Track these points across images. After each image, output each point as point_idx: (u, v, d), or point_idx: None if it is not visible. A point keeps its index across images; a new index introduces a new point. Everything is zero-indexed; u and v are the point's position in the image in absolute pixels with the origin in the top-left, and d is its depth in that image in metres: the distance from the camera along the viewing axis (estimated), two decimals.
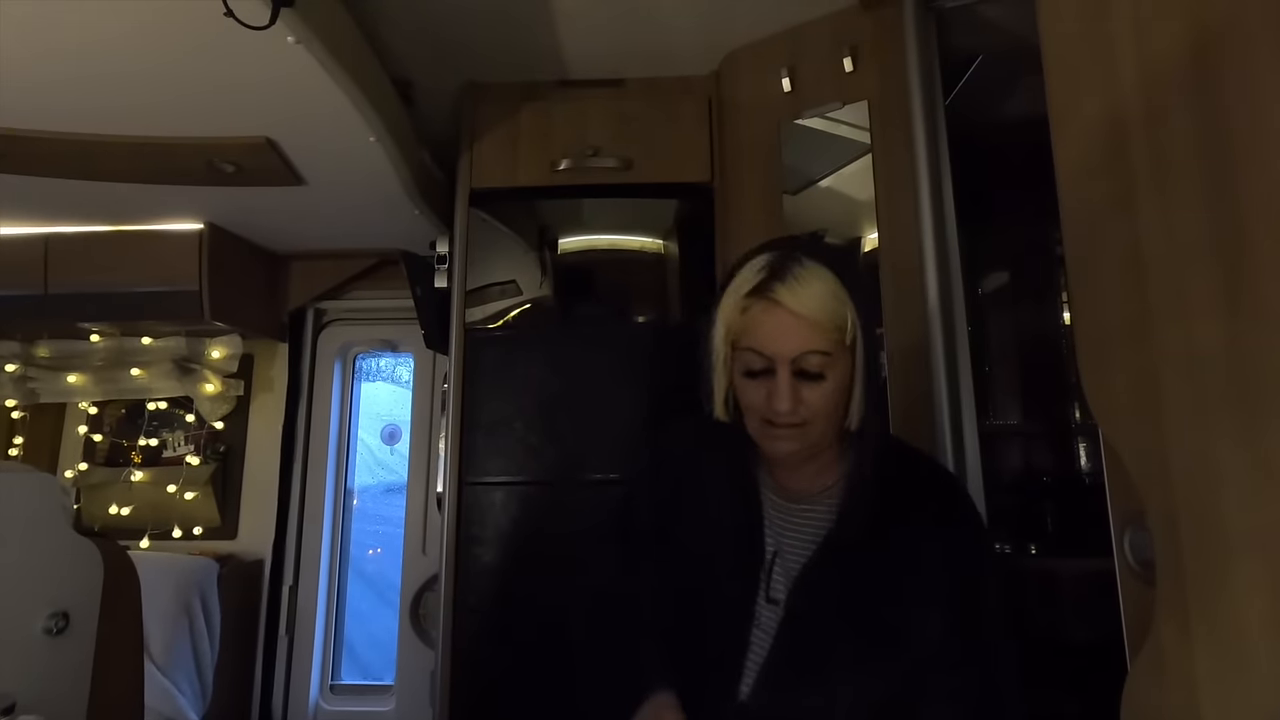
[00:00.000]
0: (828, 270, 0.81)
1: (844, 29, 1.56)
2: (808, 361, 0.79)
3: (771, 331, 0.80)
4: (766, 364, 0.81)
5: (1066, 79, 0.72)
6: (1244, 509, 0.50)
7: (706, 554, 0.92)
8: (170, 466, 2.37)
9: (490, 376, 1.71)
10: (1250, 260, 0.50)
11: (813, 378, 0.80)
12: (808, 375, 0.80)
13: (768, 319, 0.81)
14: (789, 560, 0.88)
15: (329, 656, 2.43)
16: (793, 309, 0.79)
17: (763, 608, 0.87)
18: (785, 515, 0.90)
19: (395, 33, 1.59)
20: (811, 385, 0.80)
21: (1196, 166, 0.55)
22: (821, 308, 0.79)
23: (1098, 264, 0.65)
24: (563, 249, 1.78)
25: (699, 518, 0.94)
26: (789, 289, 0.79)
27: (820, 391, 0.81)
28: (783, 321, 0.80)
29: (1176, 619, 0.55)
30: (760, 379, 0.82)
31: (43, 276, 2.01)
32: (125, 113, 1.43)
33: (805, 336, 0.79)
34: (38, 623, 1.18)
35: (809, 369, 0.80)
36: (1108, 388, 0.64)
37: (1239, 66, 0.52)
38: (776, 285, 0.80)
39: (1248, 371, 0.50)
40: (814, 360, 0.79)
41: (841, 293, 0.80)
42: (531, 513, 1.67)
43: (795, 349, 0.79)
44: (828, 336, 0.79)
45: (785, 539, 0.89)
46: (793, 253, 0.83)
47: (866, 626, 0.84)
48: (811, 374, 0.80)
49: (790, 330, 0.79)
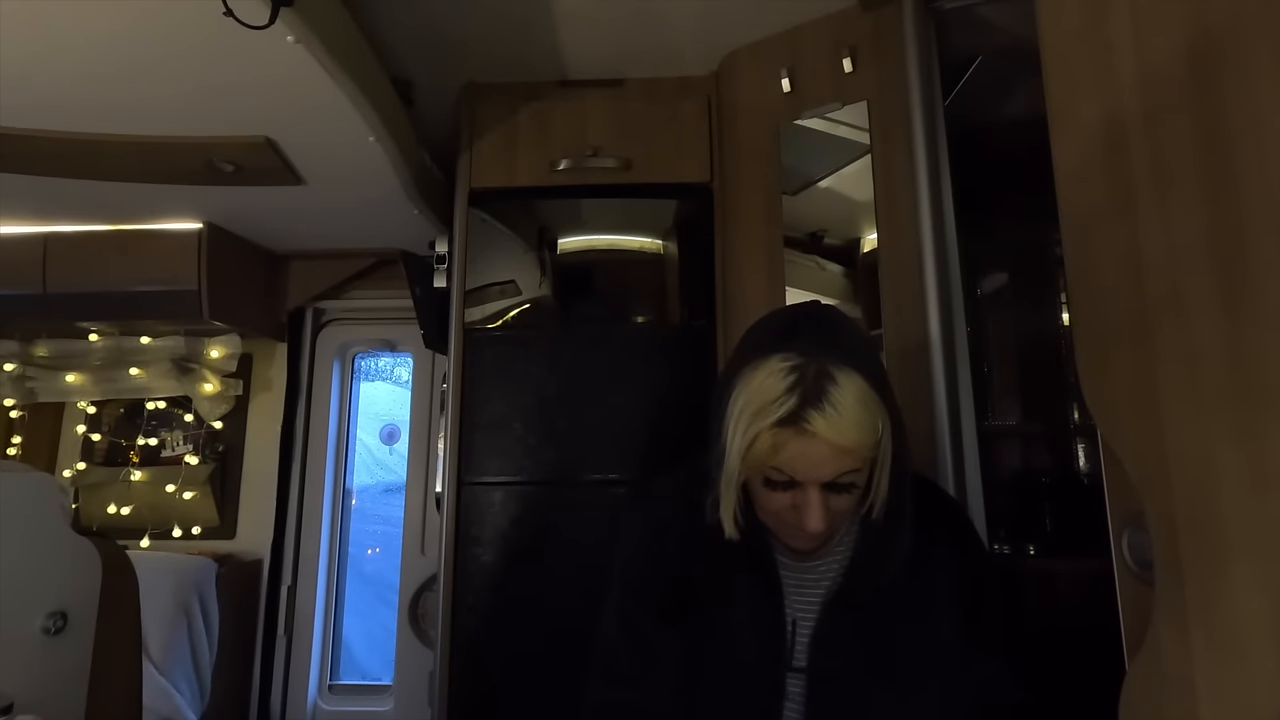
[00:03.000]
0: (859, 376, 0.73)
1: (843, 29, 1.57)
2: (840, 480, 0.75)
3: (804, 460, 0.73)
4: (791, 479, 0.76)
5: (1066, 80, 0.72)
6: (1242, 509, 0.50)
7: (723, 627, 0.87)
8: (169, 466, 2.37)
9: (489, 376, 1.71)
10: (1249, 261, 0.50)
11: (843, 489, 0.76)
12: (840, 490, 0.76)
13: (800, 448, 0.73)
14: (804, 623, 0.85)
15: (327, 656, 2.43)
16: (831, 441, 0.72)
17: (790, 678, 0.85)
18: (797, 576, 0.87)
19: (395, 33, 1.59)
20: (840, 496, 0.76)
21: (1195, 167, 0.55)
22: (862, 436, 0.72)
23: (1097, 264, 0.66)
24: (562, 249, 1.78)
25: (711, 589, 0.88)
26: (826, 420, 0.71)
27: (849, 499, 0.77)
28: (819, 451, 0.73)
29: (1175, 619, 0.55)
30: (782, 490, 0.77)
31: (41, 276, 2.01)
32: (125, 112, 1.42)
33: (841, 463, 0.73)
34: (36, 622, 1.18)
35: (842, 484, 0.75)
36: (1106, 388, 0.64)
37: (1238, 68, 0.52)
38: (813, 415, 0.72)
39: (1246, 372, 0.50)
40: (847, 479, 0.75)
41: (874, 399, 0.73)
42: (530, 513, 1.67)
43: (828, 475, 0.74)
44: (861, 456, 0.74)
45: (799, 604, 0.86)
46: (821, 361, 0.73)
47: (894, 673, 0.82)
48: (843, 488, 0.76)
49: (827, 459, 0.73)
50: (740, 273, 1.65)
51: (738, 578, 0.86)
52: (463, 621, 1.63)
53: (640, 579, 0.93)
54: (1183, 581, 0.54)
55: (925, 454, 1.34)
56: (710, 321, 1.70)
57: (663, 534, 0.91)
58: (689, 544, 0.88)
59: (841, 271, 1.56)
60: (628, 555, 0.95)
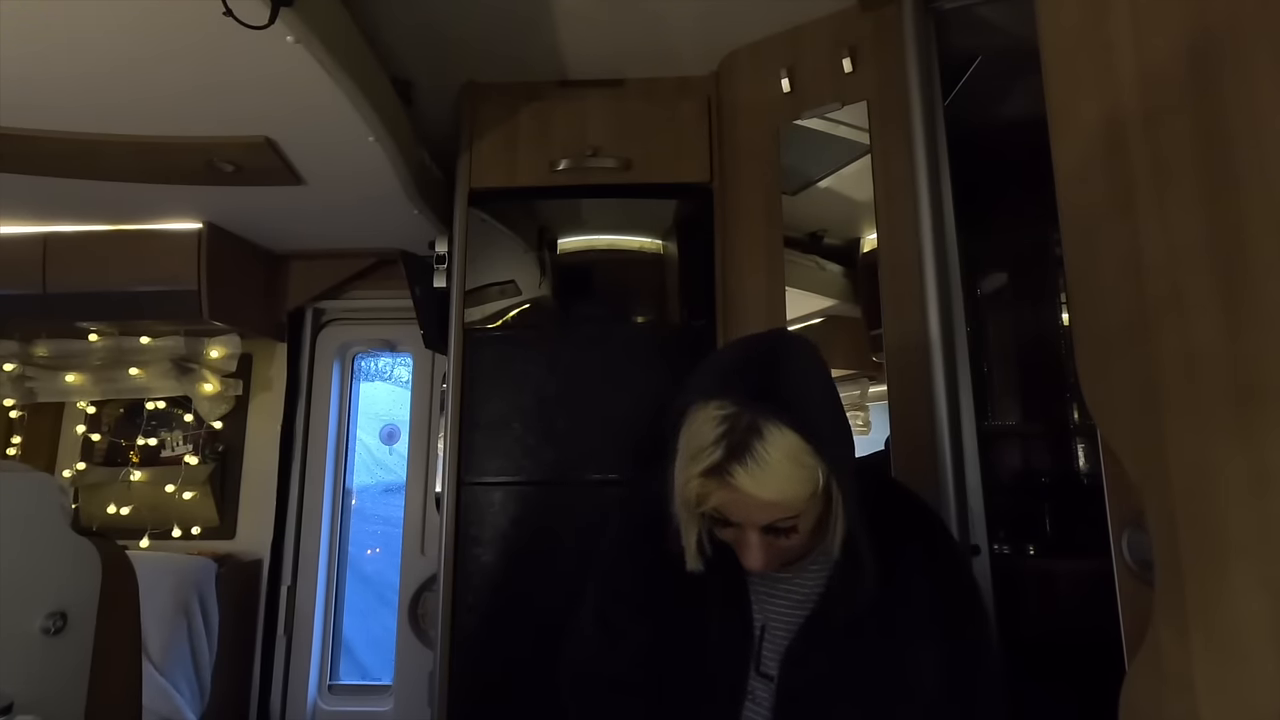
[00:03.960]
0: (791, 431, 0.72)
1: (843, 29, 1.57)
2: (777, 526, 0.75)
3: (733, 508, 0.75)
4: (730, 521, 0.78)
5: (1066, 80, 0.72)
6: (1242, 509, 0.50)
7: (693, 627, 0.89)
8: (169, 466, 2.37)
9: (489, 376, 1.71)
10: (1249, 261, 0.50)
11: (784, 533, 0.76)
12: (780, 533, 0.76)
13: (727, 497, 0.74)
14: (777, 634, 0.87)
15: (327, 656, 2.42)
16: (755, 495, 0.72)
17: (755, 681, 0.86)
18: (770, 586, 0.88)
19: (395, 33, 1.59)
20: (784, 536, 0.77)
21: (1195, 167, 0.55)
22: (788, 489, 0.72)
23: (1097, 265, 0.66)
24: (562, 249, 1.78)
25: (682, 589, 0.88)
26: (749, 474, 0.71)
27: (794, 540, 0.77)
28: (745, 502, 0.73)
29: (1175, 619, 0.55)
30: (725, 526, 0.79)
31: (41, 276, 2.01)
32: (124, 112, 1.42)
33: (769, 513, 0.74)
34: (36, 622, 1.18)
35: (780, 527, 0.76)
36: (1106, 388, 0.64)
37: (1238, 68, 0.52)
38: (736, 468, 0.71)
39: (1246, 372, 0.50)
40: (783, 524, 0.75)
41: (806, 452, 0.72)
42: (530, 513, 1.67)
43: (759, 521, 0.75)
44: (796, 506, 0.74)
45: (770, 611, 0.88)
46: (755, 413, 0.72)
47: (866, 692, 0.83)
48: (783, 531, 0.76)
49: (755, 509, 0.74)
50: (740, 273, 1.65)
51: (710, 579, 0.86)
52: (463, 621, 1.63)
53: (618, 578, 0.96)
54: (1183, 581, 0.54)
55: (925, 454, 1.34)
56: (710, 321, 1.70)
57: (643, 535, 0.91)
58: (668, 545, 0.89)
59: (841, 271, 1.57)
60: (609, 555, 0.98)
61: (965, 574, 0.91)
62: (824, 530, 0.78)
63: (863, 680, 0.83)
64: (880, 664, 0.83)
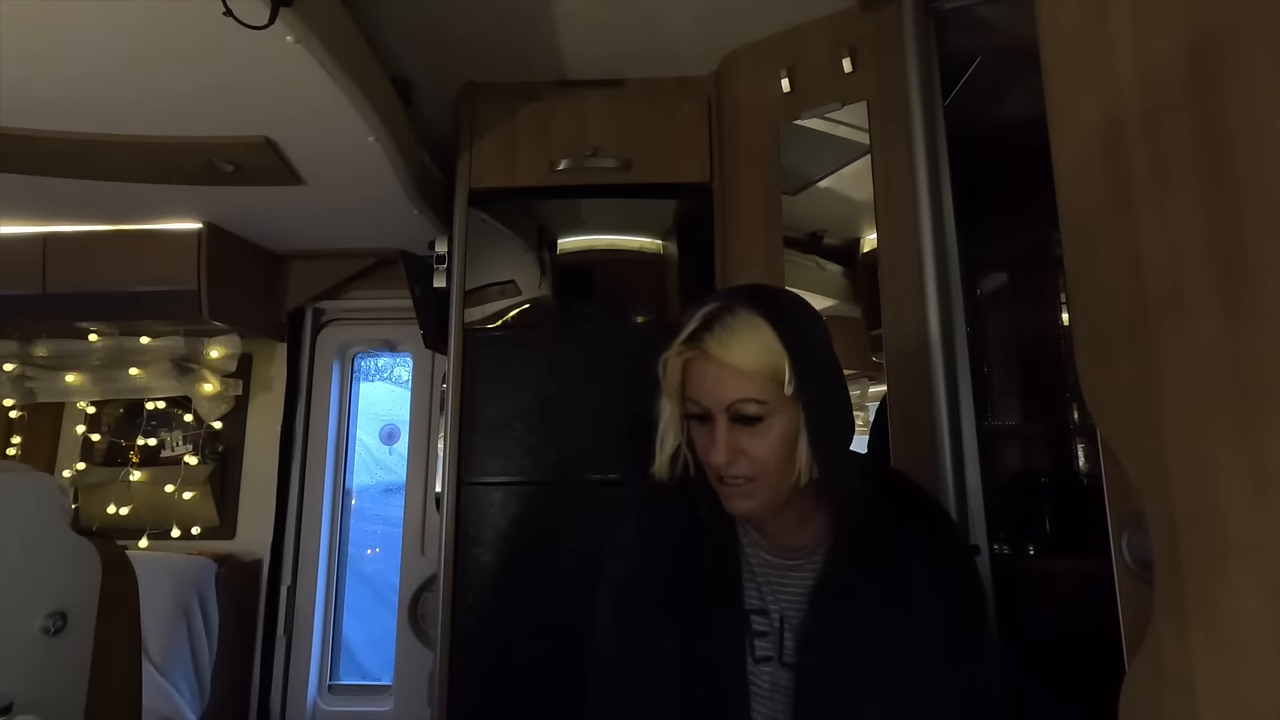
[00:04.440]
0: (763, 320, 0.80)
1: (843, 29, 1.57)
2: (743, 409, 0.79)
3: (702, 381, 0.81)
4: (705, 411, 0.82)
5: (1065, 80, 0.72)
6: (1242, 509, 0.50)
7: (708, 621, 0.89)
8: (168, 466, 2.37)
9: (489, 376, 1.71)
10: (1248, 261, 0.50)
11: (751, 422, 0.80)
12: (746, 420, 0.80)
13: (698, 369, 0.82)
14: (791, 618, 0.87)
15: (327, 656, 2.42)
16: (720, 358, 0.79)
17: (777, 672, 0.86)
18: (780, 574, 0.89)
19: (395, 33, 1.59)
20: (752, 434, 0.80)
21: (1195, 168, 0.55)
22: (750, 357, 0.79)
23: (1097, 265, 0.66)
24: (562, 249, 1.78)
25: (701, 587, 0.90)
26: (716, 339, 0.80)
27: (762, 442, 0.80)
28: (712, 371, 0.80)
29: (1175, 619, 0.55)
30: (705, 425, 0.83)
31: (41, 276, 2.01)
32: (124, 112, 1.42)
33: (736, 385, 0.79)
34: (35, 622, 1.18)
35: (746, 414, 0.79)
36: (1106, 388, 0.64)
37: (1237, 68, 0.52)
38: (705, 335, 0.81)
39: (1246, 372, 0.50)
40: (750, 408, 0.79)
41: (775, 343, 0.79)
42: (530, 513, 1.67)
43: (728, 397, 0.79)
44: (761, 386, 0.79)
45: (785, 596, 0.88)
46: (730, 303, 0.82)
47: (879, 670, 0.83)
48: (750, 419, 0.79)
49: (720, 379, 0.80)
50: (740, 273, 1.65)
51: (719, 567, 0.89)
52: (463, 621, 1.63)
53: (635, 578, 0.95)
54: (1183, 581, 0.54)
55: (925, 454, 1.34)
56: None
57: (655, 533, 0.94)
58: (682, 543, 0.92)
59: (841, 271, 1.57)
60: (624, 557, 0.97)
61: (965, 557, 0.92)
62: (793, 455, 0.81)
63: (877, 660, 0.83)
64: (892, 644, 0.83)
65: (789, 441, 0.81)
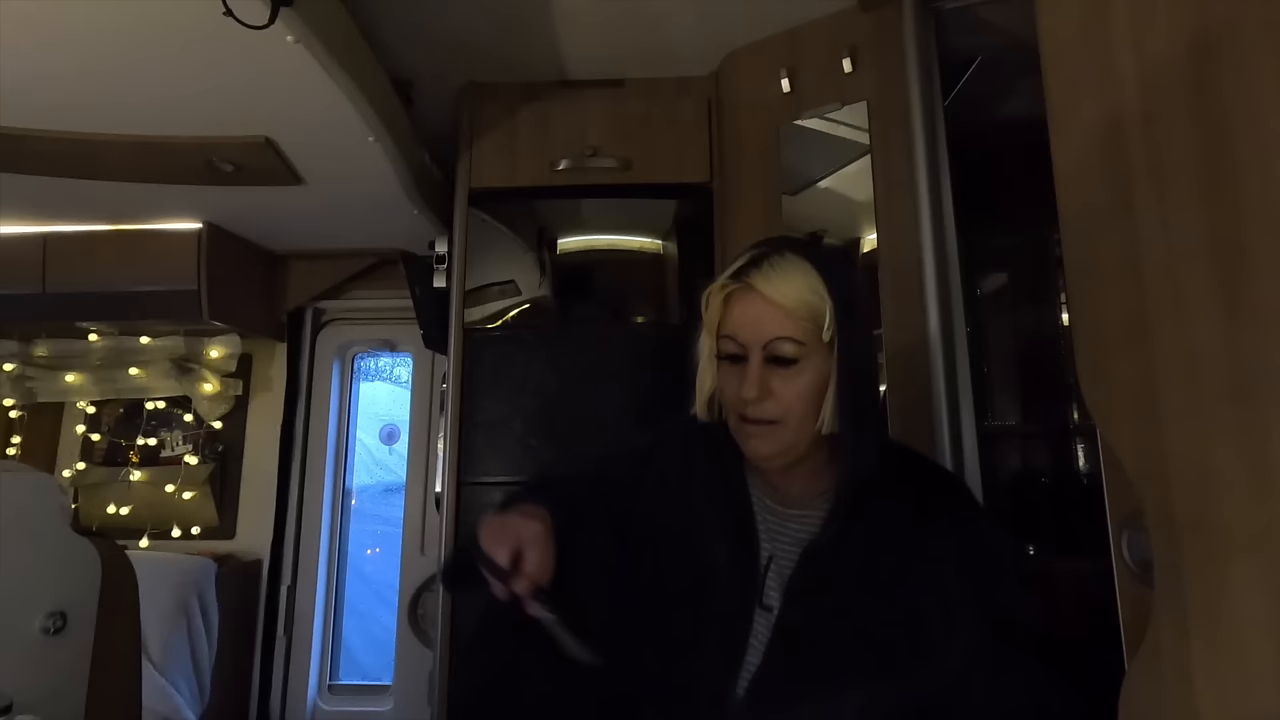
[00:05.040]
0: (810, 265, 0.81)
1: (843, 30, 1.56)
2: (780, 347, 0.80)
3: (743, 315, 0.82)
4: (740, 350, 0.82)
5: (1065, 81, 0.72)
6: (1242, 509, 0.50)
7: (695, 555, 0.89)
8: (168, 466, 2.37)
9: (489, 376, 1.71)
10: (1248, 262, 0.50)
11: (785, 364, 0.80)
12: (781, 361, 0.80)
13: (741, 304, 0.83)
14: (783, 565, 0.86)
15: (327, 656, 2.43)
16: (765, 294, 0.80)
17: (758, 614, 0.85)
18: (780, 521, 0.89)
19: (395, 32, 1.59)
20: (783, 376, 0.80)
21: (1195, 168, 0.55)
22: (794, 295, 0.80)
23: (1096, 265, 0.66)
24: (562, 249, 1.78)
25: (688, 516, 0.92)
26: (763, 274, 0.81)
27: (793, 385, 0.80)
28: (755, 306, 0.81)
29: (1174, 619, 0.55)
30: (736, 366, 0.83)
31: (41, 275, 2.01)
32: (124, 112, 1.42)
33: (777, 322, 0.80)
34: (35, 622, 1.18)
35: (781, 354, 0.80)
36: (1106, 389, 0.64)
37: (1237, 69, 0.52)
38: (753, 271, 0.82)
39: (1245, 372, 0.50)
40: (787, 347, 0.80)
41: (820, 288, 0.80)
42: None
43: (767, 334, 0.80)
44: (800, 325, 0.80)
45: (779, 545, 0.87)
46: (779, 247, 0.84)
47: (870, 635, 0.81)
48: (784, 360, 0.80)
49: (762, 315, 0.81)
50: None
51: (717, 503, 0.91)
52: (463, 621, 1.63)
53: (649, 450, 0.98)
54: (1183, 581, 0.54)
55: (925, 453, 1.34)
56: None
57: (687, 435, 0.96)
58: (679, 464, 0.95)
59: None
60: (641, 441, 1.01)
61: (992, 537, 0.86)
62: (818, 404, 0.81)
63: (870, 625, 0.81)
64: (892, 612, 0.81)
65: (818, 390, 0.81)
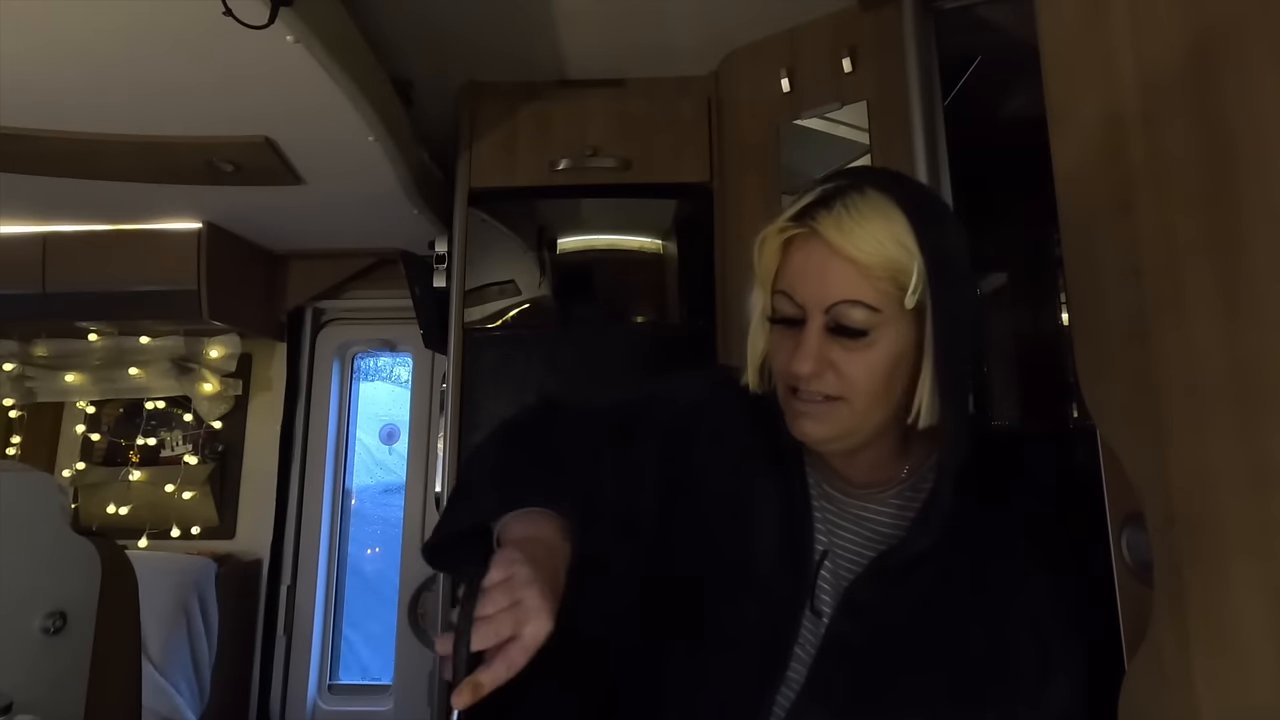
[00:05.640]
0: (896, 209, 0.62)
1: (843, 29, 1.56)
2: (847, 315, 0.62)
3: (804, 268, 0.64)
4: (798, 311, 0.65)
5: (1065, 80, 0.72)
6: (1242, 510, 0.50)
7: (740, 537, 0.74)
8: (168, 466, 2.37)
9: (489, 376, 1.71)
10: (1248, 261, 0.50)
11: (852, 336, 0.63)
12: (847, 333, 0.63)
13: (802, 253, 0.64)
14: (840, 564, 0.70)
15: (327, 656, 2.43)
16: (834, 243, 0.61)
17: (806, 618, 0.70)
18: (840, 507, 0.72)
19: (395, 32, 1.59)
20: (849, 349, 0.63)
21: (1195, 167, 0.55)
22: (871, 248, 0.61)
23: (1096, 265, 0.65)
24: (562, 249, 1.78)
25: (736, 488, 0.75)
26: (835, 219, 0.62)
27: (859, 359, 0.63)
28: (819, 257, 0.63)
29: (1174, 620, 0.55)
30: (792, 330, 0.65)
31: (40, 275, 2.01)
32: (124, 112, 1.42)
33: (847, 281, 0.62)
34: (35, 622, 1.18)
35: (848, 324, 0.62)
36: (1106, 388, 0.64)
37: (1238, 68, 0.52)
38: (821, 212, 0.63)
39: (1245, 372, 0.50)
40: (856, 314, 0.62)
41: (908, 238, 0.61)
42: None
43: (831, 295, 0.62)
44: (876, 287, 0.61)
45: (837, 539, 0.72)
46: (858, 181, 0.64)
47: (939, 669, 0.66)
48: (851, 331, 0.62)
49: (828, 270, 0.62)
50: (740, 273, 1.65)
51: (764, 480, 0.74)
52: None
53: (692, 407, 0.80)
54: (1182, 581, 0.54)
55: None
56: (710, 322, 1.70)
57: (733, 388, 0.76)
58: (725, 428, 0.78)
59: None
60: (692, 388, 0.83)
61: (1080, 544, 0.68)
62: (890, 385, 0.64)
63: (942, 659, 0.66)
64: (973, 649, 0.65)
65: (891, 365, 0.64)
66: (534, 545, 0.65)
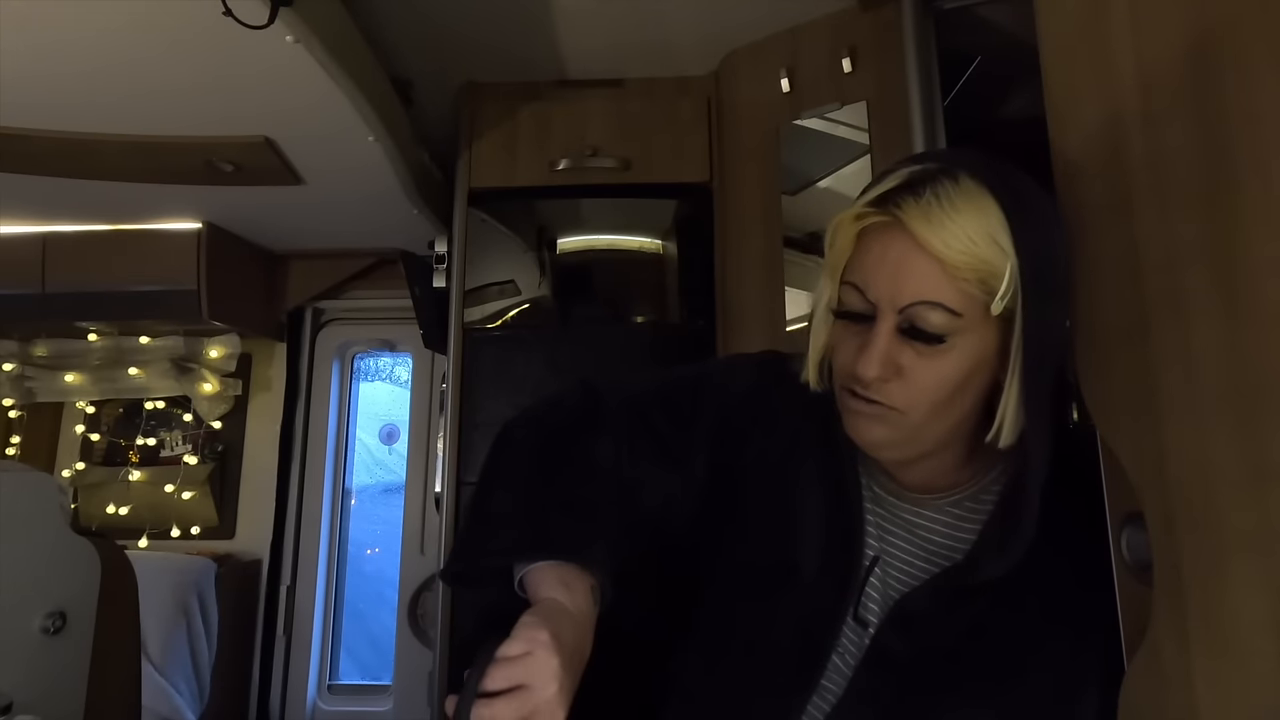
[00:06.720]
0: (993, 201, 0.56)
1: (843, 29, 1.56)
2: (923, 318, 0.56)
3: (880, 261, 0.58)
4: (867, 308, 0.59)
5: (1065, 80, 0.72)
6: (1242, 509, 0.50)
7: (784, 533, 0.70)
8: (168, 466, 2.37)
9: (489, 376, 1.71)
10: (1248, 262, 0.50)
11: (927, 341, 0.57)
12: (921, 336, 0.57)
13: (881, 243, 0.58)
14: (890, 573, 0.66)
15: (327, 656, 2.42)
16: (919, 236, 0.55)
17: (848, 626, 0.65)
18: (892, 512, 0.68)
19: (394, 32, 1.59)
20: (922, 354, 0.57)
21: (1195, 167, 0.55)
22: (961, 245, 0.54)
23: (1096, 265, 0.65)
24: (561, 249, 1.78)
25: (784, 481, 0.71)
26: (922, 208, 0.55)
27: (932, 368, 0.57)
28: (899, 250, 0.56)
29: (1174, 619, 0.55)
30: (859, 327, 0.60)
31: (40, 275, 2.01)
32: (124, 111, 1.42)
33: (926, 280, 0.55)
34: (35, 622, 1.18)
35: (924, 327, 0.56)
36: (1105, 388, 0.64)
37: (1238, 68, 0.52)
38: (907, 199, 0.56)
39: (1245, 372, 0.50)
40: (934, 318, 0.56)
41: (1003, 236, 0.55)
42: None
43: (909, 294, 0.56)
44: (960, 289, 0.55)
45: (888, 544, 0.67)
46: (952, 166, 0.58)
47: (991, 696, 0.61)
48: (927, 335, 0.57)
49: (906, 264, 0.56)
50: (740, 273, 1.65)
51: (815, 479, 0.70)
52: (462, 621, 1.62)
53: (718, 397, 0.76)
54: (1182, 581, 0.54)
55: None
56: (710, 322, 1.70)
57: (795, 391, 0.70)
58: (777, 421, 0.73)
59: None
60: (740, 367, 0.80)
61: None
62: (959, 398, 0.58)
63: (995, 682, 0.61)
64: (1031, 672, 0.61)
65: (964, 377, 0.58)
66: (561, 619, 0.62)
